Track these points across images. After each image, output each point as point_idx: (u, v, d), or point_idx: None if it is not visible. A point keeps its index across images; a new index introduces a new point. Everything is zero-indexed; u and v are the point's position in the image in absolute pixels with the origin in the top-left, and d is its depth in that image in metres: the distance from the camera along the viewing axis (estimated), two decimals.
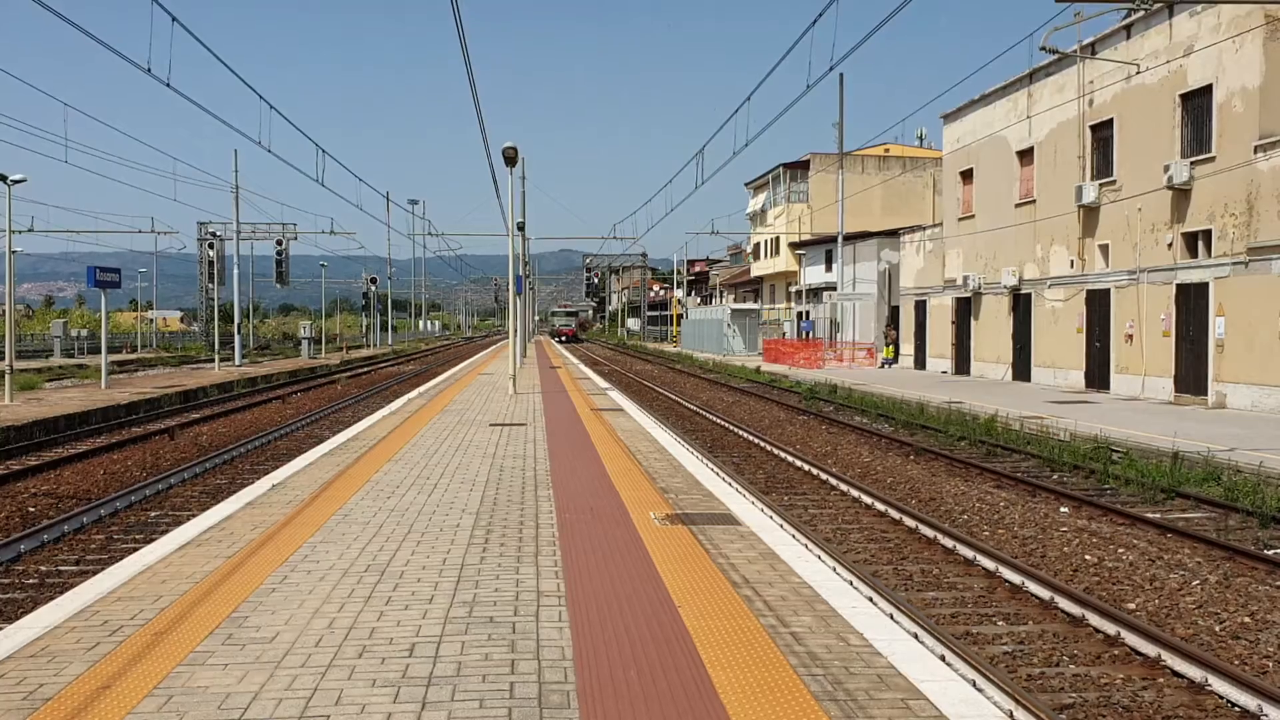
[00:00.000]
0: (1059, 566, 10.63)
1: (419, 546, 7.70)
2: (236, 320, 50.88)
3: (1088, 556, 10.92)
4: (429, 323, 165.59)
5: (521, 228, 42.32)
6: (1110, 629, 8.31)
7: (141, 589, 6.48)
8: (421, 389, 27.17)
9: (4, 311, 34.05)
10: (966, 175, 37.62)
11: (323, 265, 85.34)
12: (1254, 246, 22.55)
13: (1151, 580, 9.93)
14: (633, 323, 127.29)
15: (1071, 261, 30.15)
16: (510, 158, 23.44)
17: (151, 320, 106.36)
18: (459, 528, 8.40)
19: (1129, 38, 27.41)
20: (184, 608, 6.05)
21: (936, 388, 30.51)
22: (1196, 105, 24.96)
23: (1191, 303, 24.71)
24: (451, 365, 49.16)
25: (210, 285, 61.72)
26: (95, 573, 8.31)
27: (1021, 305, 33.31)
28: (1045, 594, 9.33)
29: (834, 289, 51.33)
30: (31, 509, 13.49)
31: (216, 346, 48.47)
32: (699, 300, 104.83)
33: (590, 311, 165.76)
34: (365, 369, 51.67)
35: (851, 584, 7.94)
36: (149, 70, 17.00)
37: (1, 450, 18.19)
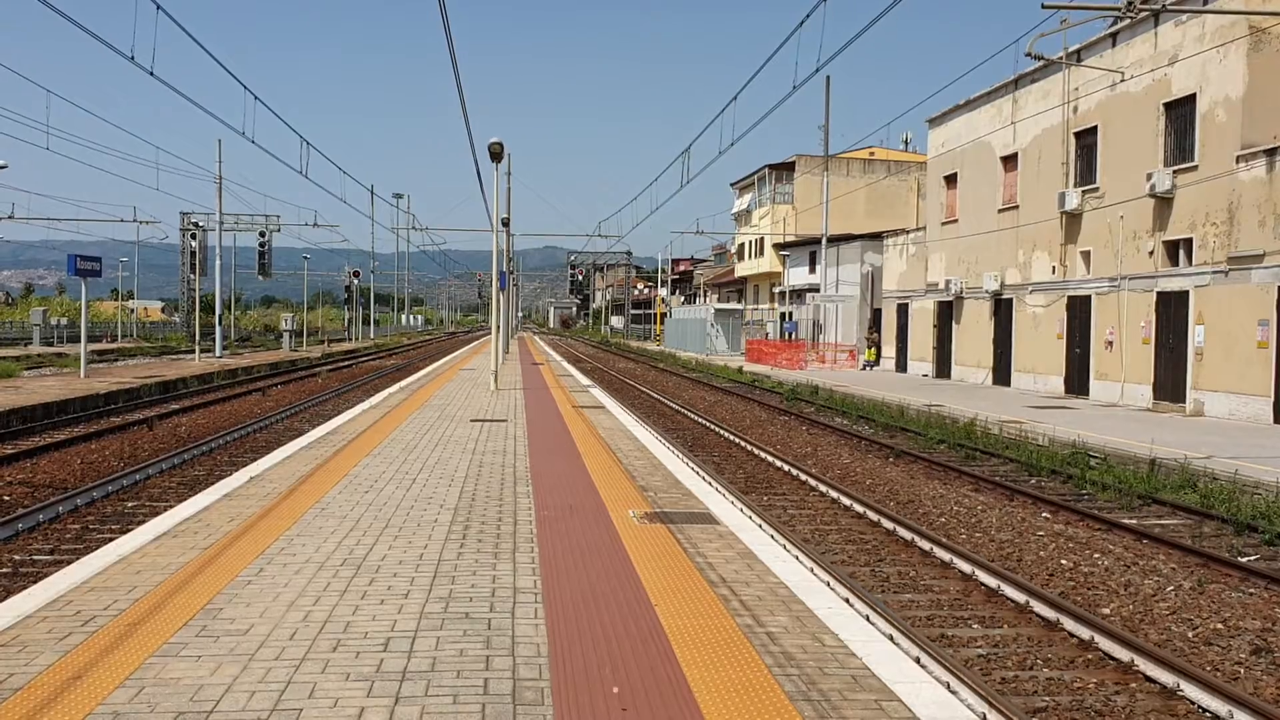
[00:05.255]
0: (1035, 570, 10.68)
1: (396, 541, 7.68)
2: (218, 311, 50.64)
3: (1064, 561, 10.98)
4: (411, 317, 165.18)
5: (506, 224, 42.27)
6: (1084, 633, 8.35)
7: (116, 579, 6.44)
8: (403, 383, 27.10)
9: None
10: (950, 180, 37.75)
11: (305, 258, 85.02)
12: (1234, 256, 22.71)
13: (1126, 585, 9.99)
14: (616, 321, 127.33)
15: (1053, 267, 30.30)
16: (496, 153, 23.37)
17: (132, 310, 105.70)
18: (437, 523, 8.38)
19: (1114, 46, 27.56)
20: (158, 599, 6.02)
21: (917, 391, 30.61)
22: (1180, 114, 25.12)
23: (1171, 311, 24.87)
24: (433, 360, 49.06)
25: (192, 276, 61.38)
26: (69, 562, 8.26)
27: (1003, 310, 33.46)
28: (1021, 598, 9.38)
29: (817, 290, 51.45)
30: (7, 498, 13.39)
31: (197, 337, 48.18)
32: (683, 299, 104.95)
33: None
34: (346, 363, 51.50)
35: (828, 585, 7.95)
36: (132, 58, 16.90)
37: None
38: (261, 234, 58.19)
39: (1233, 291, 22.73)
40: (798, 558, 8.77)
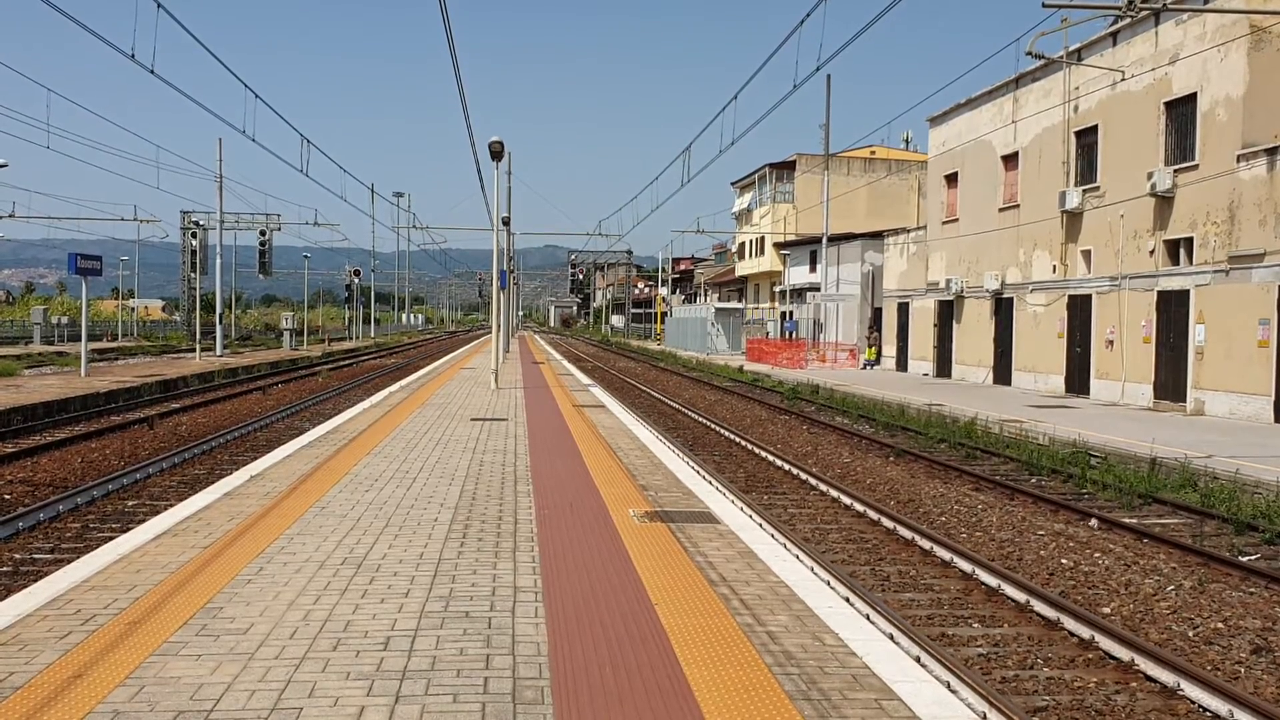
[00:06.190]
0: (1035, 570, 10.68)
1: (396, 540, 7.68)
2: (218, 310, 50.63)
3: (1064, 560, 10.98)
4: (412, 316, 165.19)
5: (507, 223, 42.26)
6: (1085, 633, 8.35)
7: (116, 578, 6.44)
8: (403, 382, 27.10)
9: None
10: (951, 179, 37.74)
11: (306, 256, 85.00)
12: (1235, 255, 22.70)
13: (1127, 585, 9.98)
14: (616, 320, 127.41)
15: (1054, 266, 30.29)
16: (497, 152, 23.36)
17: (133, 309, 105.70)
18: (437, 522, 8.38)
19: (1115, 44, 27.55)
20: (158, 598, 6.01)
21: (917, 390, 30.61)
22: (1180, 113, 25.11)
23: (1172, 310, 24.86)
24: (434, 359, 49.06)
25: (192, 275, 61.39)
26: (70, 561, 8.27)
27: (1003, 309, 33.44)
28: (1021, 597, 9.38)
29: (818, 289, 51.46)
30: (7, 496, 13.39)
31: (198, 336, 48.23)
32: (683, 298, 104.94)
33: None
34: (347, 361, 51.50)
35: (829, 584, 7.96)
36: (133, 56, 16.90)
37: None
38: (262, 233, 58.18)
39: (1234, 290, 22.72)
40: (798, 557, 8.77)
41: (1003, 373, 33.40)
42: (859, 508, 13.69)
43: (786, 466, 17.21)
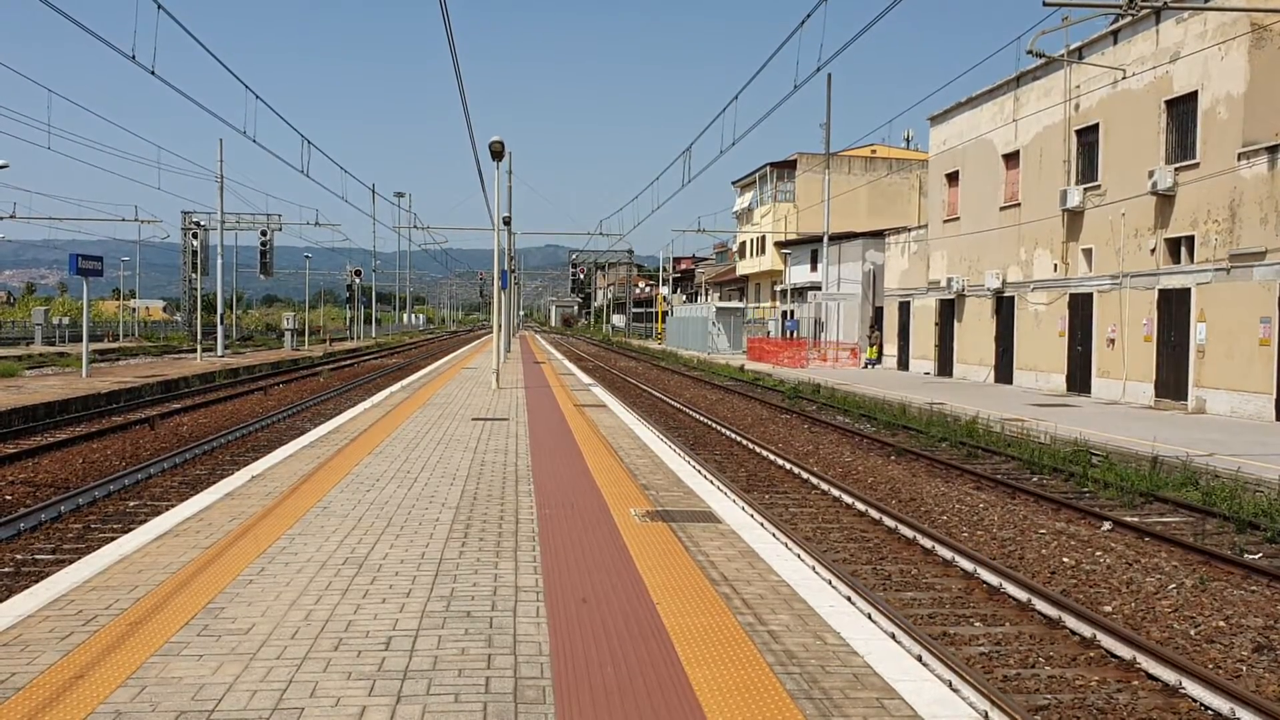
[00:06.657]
0: (1037, 568, 10.68)
1: (398, 540, 7.68)
2: (219, 310, 50.64)
3: (1065, 559, 10.97)
4: (413, 316, 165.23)
5: (508, 222, 42.28)
6: (1086, 631, 8.35)
7: (118, 579, 6.44)
8: (404, 382, 27.10)
9: None
10: (952, 178, 37.73)
11: (307, 257, 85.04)
12: (1236, 253, 22.69)
13: (1128, 583, 9.98)
14: (617, 319, 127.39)
15: (1055, 265, 30.28)
16: (497, 152, 23.35)
17: (134, 309, 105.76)
18: (438, 522, 8.38)
19: (1116, 43, 27.54)
20: (160, 598, 6.01)
21: (919, 389, 30.60)
22: (1181, 112, 25.10)
23: (1173, 308, 24.85)
24: (435, 359, 49.06)
25: (193, 275, 61.36)
26: (71, 562, 8.27)
27: (1004, 308, 33.44)
28: (1023, 595, 9.37)
29: (819, 289, 51.45)
30: (8, 497, 13.40)
31: (199, 336, 48.24)
32: (684, 298, 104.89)
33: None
34: (348, 361, 51.49)
35: (830, 583, 7.96)
36: (134, 58, 16.90)
37: None
38: (263, 233, 58.19)
39: (1235, 289, 22.71)
40: (800, 556, 8.77)
41: (1004, 371, 33.40)
42: (860, 507, 13.69)
43: (788, 466, 17.21)
